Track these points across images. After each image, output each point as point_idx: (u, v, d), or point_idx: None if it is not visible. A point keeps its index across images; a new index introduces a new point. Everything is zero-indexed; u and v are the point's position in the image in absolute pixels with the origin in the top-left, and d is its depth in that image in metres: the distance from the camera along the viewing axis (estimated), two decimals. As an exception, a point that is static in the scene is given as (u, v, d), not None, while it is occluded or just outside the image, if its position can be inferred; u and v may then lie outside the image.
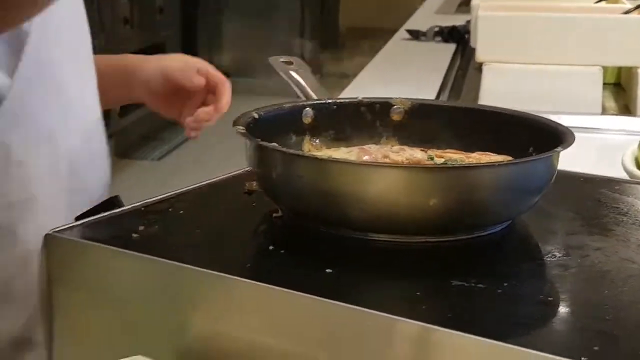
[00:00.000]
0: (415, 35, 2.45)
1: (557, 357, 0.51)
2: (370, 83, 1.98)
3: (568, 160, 1.01)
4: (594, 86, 1.55)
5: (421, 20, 2.72)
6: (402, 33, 2.52)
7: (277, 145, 0.75)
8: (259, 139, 0.74)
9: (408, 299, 0.62)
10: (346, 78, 2.14)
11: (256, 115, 0.81)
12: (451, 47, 2.31)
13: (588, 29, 1.55)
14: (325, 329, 0.61)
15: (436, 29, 2.43)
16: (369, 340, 0.59)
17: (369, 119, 0.87)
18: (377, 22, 5.81)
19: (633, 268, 0.65)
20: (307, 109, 0.86)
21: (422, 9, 3.08)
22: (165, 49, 5.14)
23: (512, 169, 0.70)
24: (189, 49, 5.59)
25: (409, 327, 0.57)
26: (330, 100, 0.88)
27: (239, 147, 0.82)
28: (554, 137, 0.74)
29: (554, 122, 0.78)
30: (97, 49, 1.20)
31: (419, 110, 0.87)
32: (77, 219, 0.78)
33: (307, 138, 0.86)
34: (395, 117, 0.87)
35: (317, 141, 0.86)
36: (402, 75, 2.05)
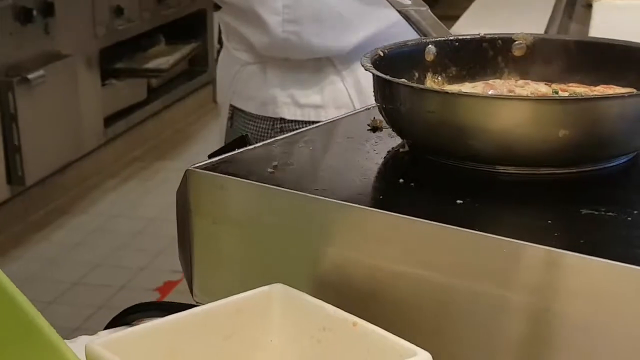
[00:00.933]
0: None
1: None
2: (474, 23, 1.97)
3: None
4: None
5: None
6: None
7: (405, 80, 0.77)
8: (388, 75, 0.77)
9: (540, 227, 0.64)
10: (446, 20, 2.13)
11: (382, 53, 0.83)
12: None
13: None
14: (458, 256, 0.64)
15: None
16: (502, 267, 0.62)
17: (490, 55, 0.89)
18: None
19: None
20: (430, 46, 0.88)
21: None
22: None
23: (639, 100, 0.70)
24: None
25: (541, 252, 0.60)
26: (451, 38, 0.90)
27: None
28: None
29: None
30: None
31: (540, 45, 0.88)
32: (210, 156, 0.83)
33: (429, 75, 0.88)
34: (517, 52, 0.88)
35: (440, 78, 0.88)
36: (507, 12, 2.04)
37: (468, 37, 0.90)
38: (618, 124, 0.69)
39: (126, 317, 0.86)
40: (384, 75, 0.77)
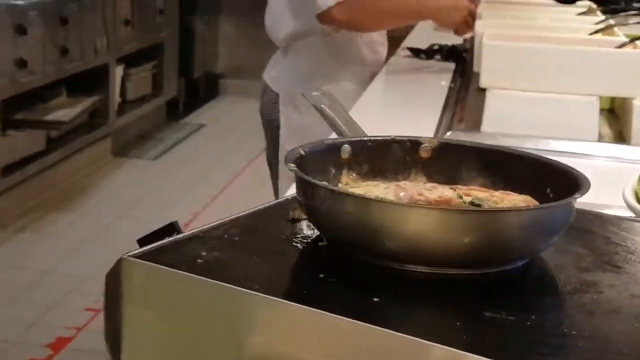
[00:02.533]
0: (416, 53, 2.55)
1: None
2: (375, 102, 2.07)
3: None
4: (591, 114, 1.65)
5: (421, 36, 2.82)
6: (403, 50, 2.62)
7: (327, 183, 0.84)
8: (310, 177, 0.84)
9: (448, 328, 0.71)
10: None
11: (302, 152, 0.91)
12: (451, 66, 2.41)
13: (584, 61, 1.66)
14: (376, 353, 0.70)
15: (435, 47, 2.54)
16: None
17: (400, 155, 0.97)
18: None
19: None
20: (345, 145, 0.95)
21: (420, 25, 3.17)
22: (164, 48, 5.22)
23: (538, 212, 0.80)
24: (186, 49, 5.66)
25: (449, 353, 0.67)
26: (365, 138, 0.98)
27: (230, 149, 0.89)
28: (572, 182, 0.84)
29: (572, 167, 0.88)
30: (100, 48, 1.39)
31: (445, 149, 0.96)
32: (139, 242, 0.87)
33: (344, 171, 0.95)
34: (424, 154, 0.96)
35: (354, 174, 0.96)
36: (405, 93, 2.16)
37: (380, 138, 0.98)
38: (515, 232, 0.78)
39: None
40: (306, 177, 0.84)
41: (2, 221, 3.69)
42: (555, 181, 0.87)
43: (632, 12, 2.31)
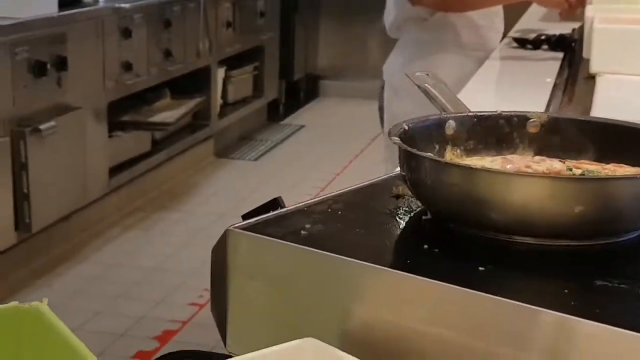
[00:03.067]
0: (521, 43, 2.50)
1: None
2: (481, 89, 2.04)
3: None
4: None
5: (526, 27, 2.77)
6: (508, 40, 2.58)
7: (432, 155, 0.83)
8: (415, 149, 0.83)
9: (557, 295, 0.69)
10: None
11: (406, 127, 0.90)
12: (559, 56, 2.36)
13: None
14: (480, 319, 0.69)
15: (543, 37, 2.48)
16: (520, 331, 0.67)
17: (506, 131, 0.95)
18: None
19: None
20: (450, 121, 0.94)
21: (527, 16, 3.12)
22: (265, 51, 5.29)
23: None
24: (287, 51, 5.72)
25: (559, 319, 0.65)
26: (470, 114, 0.96)
27: (330, 150, 0.89)
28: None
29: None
30: (203, 51, 1.43)
31: (554, 124, 0.94)
32: (244, 217, 0.88)
33: (449, 147, 0.94)
34: (532, 129, 0.94)
35: (458, 150, 0.95)
36: (511, 82, 2.12)
37: (486, 113, 0.96)
38: (629, 202, 0.75)
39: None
40: (410, 149, 0.83)
41: (110, 220, 3.79)
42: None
43: None
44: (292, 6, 5.79)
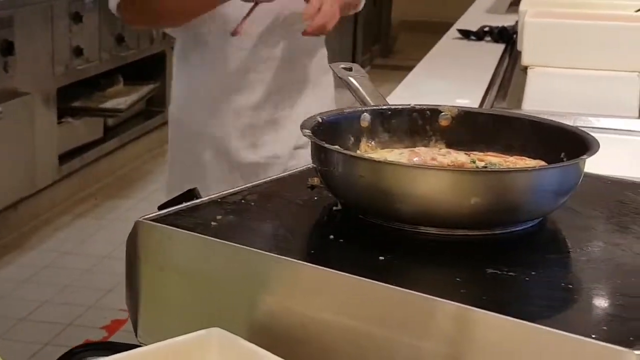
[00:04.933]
0: (465, 34, 2.53)
1: (568, 334, 0.61)
2: (421, 81, 2.07)
3: (605, 161, 1.09)
4: (633, 91, 1.63)
5: (472, 18, 2.81)
6: (453, 32, 2.61)
7: (339, 148, 0.85)
8: (324, 142, 0.85)
9: (450, 284, 0.72)
10: (398, 70, 2.24)
11: (320, 120, 0.92)
12: (500, 48, 2.39)
13: (627, 37, 1.64)
14: (377, 307, 0.72)
15: (486, 29, 2.52)
16: (415, 319, 0.70)
17: (420, 124, 0.97)
18: (428, 16, 5.88)
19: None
20: (365, 114, 0.96)
21: (473, 7, 3.16)
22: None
23: (541, 173, 0.80)
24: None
25: (449, 307, 0.68)
26: (385, 107, 0.99)
27: None
28: (582, 145, 0.84)
29: (583, 131, 0.88)
30: (156, 37, 1.41)
31: (464, 117, 0.97)
32: (160, 208, 0.90)
33: (364, 140, 0.96)
34: (443, 122, 0.97)
35: (373, 142, 0.97)
36: (451, 74, 2.15)
37: (399, 106, 0.99)
38: (522, 194, 0.78)
39: (72, 357, 0.92)
40: (319, 142, 0.85)
41: (60, 208, 3.78)
42: (569, 145, 0.87)
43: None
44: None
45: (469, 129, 0.96)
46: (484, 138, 0.95)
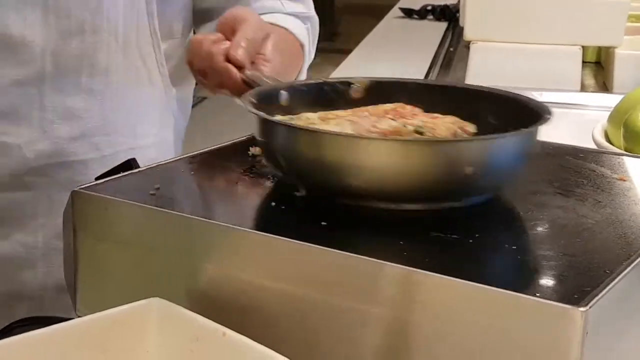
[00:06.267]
0: (408, 13, 2.53)
1: (511, 292, 0.61)
2: (364, 60, 2.07)
3: (547, 133, 1.09)
4: (574, 65, 1.65)
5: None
6: (395, 11, 2.61)
7: (278, 118, 0.84)
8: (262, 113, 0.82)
9: (393, 248, 0.71)
10: (343, 54, 2.23)
11: (253, 100, 0.88)
12: (443, 26, 2.40)
13: (569, 10, 1.65)
14: (320, 273, 0.70)
15: (428, 8, 2.52)
16: (358, 282, 0.69)
17: (334, 98, 0.95)
18: (372, -1, 5.87)
19: (587, 223, 0.75)
20: (281, 92, 0.93)
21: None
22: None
23: (499, 142, 0.77)
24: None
25: (392, 270, 0.67)
26: (299, 82, 0.97)
27: (236, 122, 0.86)
28: (527, 112, 0.83)
29: (531, 99, 0.87)
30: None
31: (376, 88, 0.94)
32: (97, 178, 0.87)
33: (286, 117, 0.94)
34: (355, 94, 0.95)
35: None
36: (394, 52, 2.15)
37: (312, 82, 0.96)
38: (472, 164, 0.75)
39: (12, 331, 0.90)
40: (260, 113, 0.82)
41: None
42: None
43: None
44: None
45: (382, 100, 0.93)
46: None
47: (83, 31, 1.13)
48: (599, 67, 1.82)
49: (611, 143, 1.12)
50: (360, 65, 1.99)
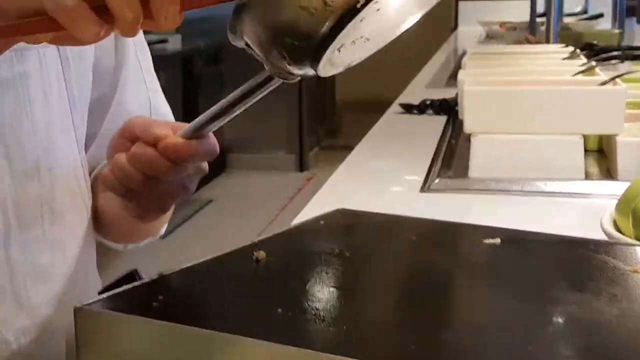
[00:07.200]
0: (407, 109, 2.55)
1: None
2: (367, 156, 2.07)
3: (554, 223, 1.07)
4: (576, 153, 1.64)
5: (413, 94, 2.83)
6: (395, 107, 2.63)
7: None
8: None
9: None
10: (346, 150, 2.24)
11: None
12: (442, 119, 2.41)
13: (567, 101, 1.65)
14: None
15: (427, 102, 2.54)
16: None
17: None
18: (372, 96, 5.95)
19: (602, 318, 0.73)
20: None
21: (413, 83, 3.20)
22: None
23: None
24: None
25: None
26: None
27: (238, 224, 0.88)
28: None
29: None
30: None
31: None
32: (101, 292, 0.86)
33: None
34: None
35: None
36: (396, 147, 2.15)
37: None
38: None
39: None
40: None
41: None
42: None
43: (614, 55, 2.33)
44: (195, 80, 5.81)
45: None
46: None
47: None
48: (601, 154, 1.81)
49: (621, 232, 1.10)
50: (363, 162, 1.99)
